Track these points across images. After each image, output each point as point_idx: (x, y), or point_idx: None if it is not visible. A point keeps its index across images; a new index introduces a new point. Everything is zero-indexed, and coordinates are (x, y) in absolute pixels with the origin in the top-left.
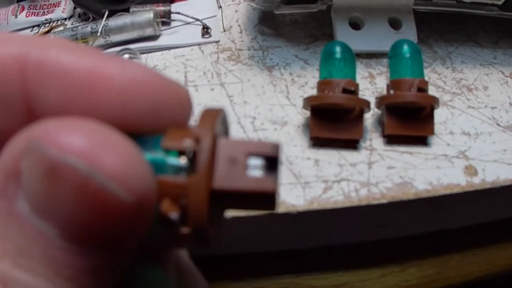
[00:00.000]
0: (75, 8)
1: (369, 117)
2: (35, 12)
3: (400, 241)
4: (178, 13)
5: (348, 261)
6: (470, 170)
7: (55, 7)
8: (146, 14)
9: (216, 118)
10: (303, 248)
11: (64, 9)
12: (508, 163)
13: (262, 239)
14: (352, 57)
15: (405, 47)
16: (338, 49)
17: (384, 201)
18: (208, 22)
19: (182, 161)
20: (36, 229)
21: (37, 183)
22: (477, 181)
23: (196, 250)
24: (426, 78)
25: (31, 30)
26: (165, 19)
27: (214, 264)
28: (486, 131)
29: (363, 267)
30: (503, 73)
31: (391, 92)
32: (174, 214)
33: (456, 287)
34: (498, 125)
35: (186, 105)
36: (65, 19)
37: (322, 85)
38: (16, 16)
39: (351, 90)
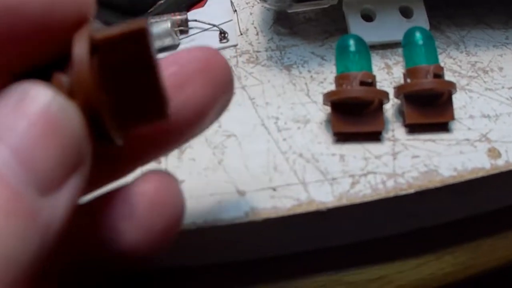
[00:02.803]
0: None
1: (389, 108)
2: None
3: (433, 230)
4: (195, 20)
5: (382, 254)
6: (494, 153)
7: None
8: (163, 24)
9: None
10: (336, 245)
11: None
12: None
13: (293, 239)
14: (366, 48)
15: (417, 35)
16: (351, 42)
17: (411, 191)
18: (224, 27)
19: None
20: None
21: None
22: (501, 163)
23: (231, 255)
24: (442, 64)
25: None
26: (183, 28)
27: (251, 267)
28: (506, 112)
29: (399, 258)
30: None
31: (408, 80)
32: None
33: (490, 271)
34: None
35: None
36: None
37: (340, 79)
38: None
39: (369, 82)
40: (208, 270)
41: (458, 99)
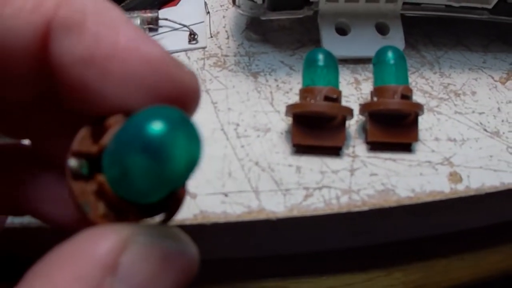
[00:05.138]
0: None
1: (353, 124)
2: None
3: (385, 246)
4: (166, 19)
5: (332, 265)
6: (455, 177)
7: None
8: (133, 20)
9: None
10: (285, 253)
11: None
12: (494, 169)
13: (243, 244)
14: (335, 64)
15: (389, 54)
16: (320, 56)
17: (365, 208)
18: (195, 28)
19: None
20: None
21: (142, 271)
22: (461, 188)
23: None
24: (413, 84)
25: None
26: (153, 26)
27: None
28: (473, 137)
29: (348, 271)
30: (492, 77)
31: (375, 99)
32: None
33: None
34: (485, 130)
35: (190, 97)
36: None
37: (304, 92)
38: None
39: (333, 98)
40: None
41: (425, 120)
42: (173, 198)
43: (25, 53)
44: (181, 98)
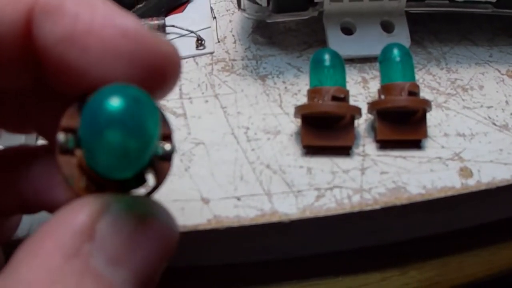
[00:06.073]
0: None
1: (362, 123)
2: None
3: (399, 245)
4: (173, 26)
5: (347, 266)
6: (465, 172)
7: None
8: None
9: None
10: (300, 255)
11: None
12: (504, 163)
13: (258, 248)
14: (342, 63)
15: (395, 51)
16: (326, 56)
17: (377, 207)
18: (202, 34)
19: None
20: (110, 279)
21: (118, 237)
22: (472, 183)
23: (195, 260)
24: (420, 80)
25: None
26: (160, 33)
27: (213, 273)
28: (482, 131)
29: (363, 271)
30: (499, 71)
31: (382, 97)
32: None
33: None
34: (494, 124)
35: (169, 65)
36: None
37: (312, 93)
38: None
39: (341, 98)
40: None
41: (434, 117)
42: (157, 172)
43: (12, 41)
44: (160, 67)
